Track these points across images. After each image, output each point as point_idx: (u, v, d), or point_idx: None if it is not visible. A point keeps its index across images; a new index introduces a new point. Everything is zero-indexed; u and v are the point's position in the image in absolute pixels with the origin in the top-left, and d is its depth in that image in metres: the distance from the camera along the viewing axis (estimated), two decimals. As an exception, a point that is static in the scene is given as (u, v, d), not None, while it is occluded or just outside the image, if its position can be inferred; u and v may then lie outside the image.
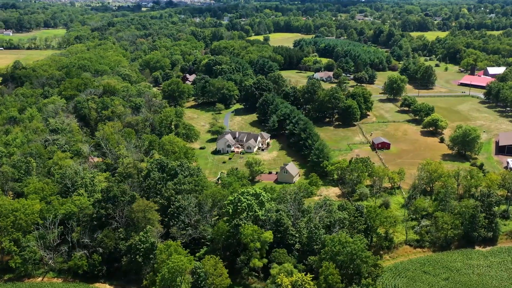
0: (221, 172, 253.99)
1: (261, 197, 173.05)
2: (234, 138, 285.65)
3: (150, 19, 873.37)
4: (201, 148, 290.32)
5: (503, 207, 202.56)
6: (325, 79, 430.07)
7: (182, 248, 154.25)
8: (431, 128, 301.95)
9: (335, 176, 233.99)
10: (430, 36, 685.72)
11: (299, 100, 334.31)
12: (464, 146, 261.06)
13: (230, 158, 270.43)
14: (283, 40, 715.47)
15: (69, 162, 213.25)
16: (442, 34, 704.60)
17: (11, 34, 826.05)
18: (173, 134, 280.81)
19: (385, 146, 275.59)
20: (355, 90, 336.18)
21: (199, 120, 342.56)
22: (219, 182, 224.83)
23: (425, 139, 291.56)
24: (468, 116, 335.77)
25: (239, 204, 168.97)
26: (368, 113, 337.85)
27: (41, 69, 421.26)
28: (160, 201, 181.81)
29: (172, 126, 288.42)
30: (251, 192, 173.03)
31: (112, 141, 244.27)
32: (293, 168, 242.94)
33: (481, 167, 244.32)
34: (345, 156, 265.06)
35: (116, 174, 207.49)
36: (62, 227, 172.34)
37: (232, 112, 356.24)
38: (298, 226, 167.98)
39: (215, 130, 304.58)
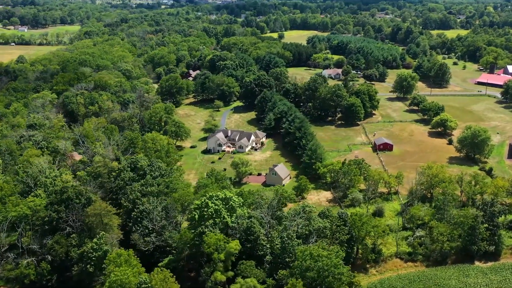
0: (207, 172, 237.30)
1: (231, 202, 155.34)
2: (226, 136, 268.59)
3: (164, 16, 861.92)
4: (191, 147, 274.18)
5: (510, 217, 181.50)
6: (333, 76, 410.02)
7: (135, 257, 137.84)
8: (439, 129, 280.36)
9: (328, 179, 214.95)
10: (452, 34, 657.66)
11: (301, 97, 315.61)
12: (473, 148, 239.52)
13: (219, 158, 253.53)
14: (298, 37, 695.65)
15: (41, 160, 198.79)
16: (464, 32, 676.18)
17: (26, 30, 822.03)
18: (162, 132, 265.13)
19: (387, 147, 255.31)
20: (359, 87, 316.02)
21: (195, 118, 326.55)
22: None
23: (432, 141, 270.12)
24: (482, 116, 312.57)
25: (205, 209, 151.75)
26: (374, 112, 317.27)
27: (40, 63, 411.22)
28: (125, 204, 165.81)
29: (162, 123, 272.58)
30: (220, 196, 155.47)
31: (91, 138, 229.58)
32: (283, 169, 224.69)
33: (489, 172, 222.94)
34: (343, 158, 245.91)
35: (84, 174, 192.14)
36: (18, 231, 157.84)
37: (231, 109, 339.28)
38: (270, 235, 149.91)
39: (207, 128, 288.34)
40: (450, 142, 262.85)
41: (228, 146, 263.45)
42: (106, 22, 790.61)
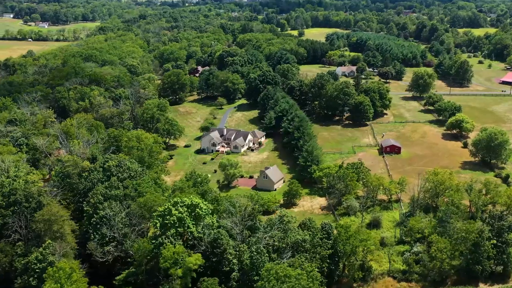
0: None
1: (198, 209, 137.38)
2: (222, 136, 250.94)
3: (183, 12, 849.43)
4: (185, 146, 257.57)
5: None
6: (347, 74, 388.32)
7: (80, 271, 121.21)
8: (454, 131, 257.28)
9: (324, 184, 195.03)
10: (480, 32, 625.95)
11: (307, 95, 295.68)
12: (488, 152, 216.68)
13: (212, 159, 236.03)
14: (319, 35, 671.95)
15: (10, 158, 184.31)
16: (493, 31, 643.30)
17: (46, 26, 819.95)
18: (154, 129, 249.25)
19: (394, 150, 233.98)
20: (369, 85, 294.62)
21: (196, 115, 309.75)
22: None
23: (445, 143, 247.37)
24: (504, 117, 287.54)
25: (168, 217, 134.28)
26: (385, 111, 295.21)
27: (44, 58, 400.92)
28: (86, 208, 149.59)
29: (155, 120, 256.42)
30: (186, 203, 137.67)
31: (73, 135, 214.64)
32: (275, 172, 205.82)
33: (506, 179, 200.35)
34: (346, 161, 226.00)
35: (52, 174, 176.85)
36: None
37: (235, 107, 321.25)
38: (239, 249, 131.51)
39: (204, 126, 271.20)
40: (465, 145, 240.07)
41: (222, 146, 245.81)
42: (124, 19, 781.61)
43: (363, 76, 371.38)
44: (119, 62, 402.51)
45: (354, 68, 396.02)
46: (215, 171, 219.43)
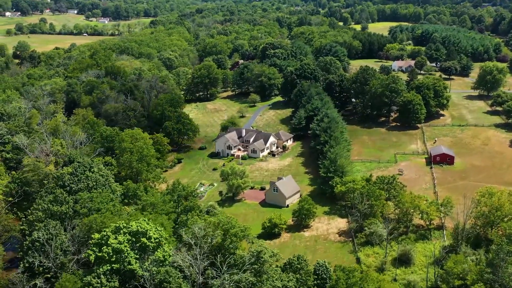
0: (200, 184, 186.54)
1: (145, 238, 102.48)
2: (240, 137, 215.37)
3: (240, 6, 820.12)
4: (200, 149, 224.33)
5: None
6: (404, 69, 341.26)
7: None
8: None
9: (349, 202, 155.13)
10: None
11: (349, 92, 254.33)
12: None
13: (224, 165, 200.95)
14: (383, 29, 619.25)
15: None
16: None
17: (106, 22, 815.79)
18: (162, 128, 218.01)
19: (446, 159, 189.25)
20: (422, 80, 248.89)
21: (224, 113, 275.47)
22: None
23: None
24: None
25: (104, 247, 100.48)
26: (441, 112, 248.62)
27: (78, 50, 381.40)
28: (22, 227, 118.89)
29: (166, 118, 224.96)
30: (133, 229, 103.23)
31: (60, 133, 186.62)
32: (288, 184, 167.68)
33: None
34: (383, 171, 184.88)
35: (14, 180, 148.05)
36: None
37: (269, 105, 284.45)
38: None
39: (223, 125, 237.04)
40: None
41: (238, 149, 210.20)
42: (182, 13, 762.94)
43: (422, 72, 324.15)
44: (157, 55, 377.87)
45: (412, 62, 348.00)
46: (223, 179, 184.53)
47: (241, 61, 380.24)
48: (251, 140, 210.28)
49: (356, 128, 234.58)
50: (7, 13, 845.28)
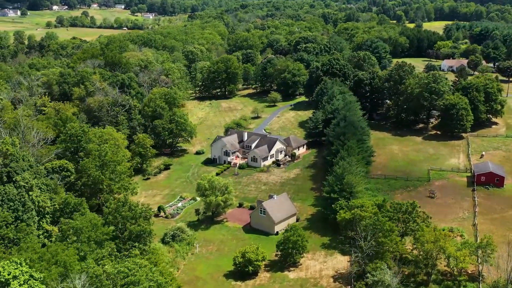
0: (179, 197, 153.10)
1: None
2: (240, 142, 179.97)
3: (286, 2, 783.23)
4: (197, 153, 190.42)
5: None
6: (455, 69, 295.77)
7: None
8: None
9: (354, 234, 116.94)
10: None
11: (381, 92, 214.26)
12: None
13: (217, 174, 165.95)
14: (440, 28, 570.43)
15: None
16: None
17: (151, 17, 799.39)
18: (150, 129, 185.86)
19: (493, 180, 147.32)
20: (470, 80, 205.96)
21: (238, 113, 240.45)
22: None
23: None
24: None
25: None
26: (494, 119, 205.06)
27: (97, 41, 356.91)
28: None
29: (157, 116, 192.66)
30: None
31: (19, 130, 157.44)
32: (281, 206, 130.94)
33: None
34: (409, 192, 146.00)
35: None
36: None
37: (291, 105, 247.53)
38: None
39: (227, 127, 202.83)
40: None
41: (237, 156, 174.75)
42: (225, 8, 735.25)
43: (475, 73, 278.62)
44: (181, 49, 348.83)
45: (466, 62, 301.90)
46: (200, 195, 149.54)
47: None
48: (253, 145, 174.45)
49: (385, 136, 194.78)
50: (54, 7, 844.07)
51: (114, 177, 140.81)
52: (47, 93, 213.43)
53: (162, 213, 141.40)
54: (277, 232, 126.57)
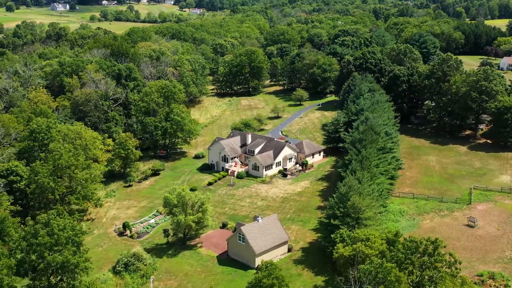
0: (155, 212, 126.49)
1: None
2: (243, 145, 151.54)
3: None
4: (196, 157, 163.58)
5: None
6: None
7: None
8: None
9: (356, 275, 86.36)
10: None
11: (421, 91, 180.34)
12: None
13: (210, 184, 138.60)
14: (504, 26, 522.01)
15: None
16: None
17: (198, 12, 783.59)
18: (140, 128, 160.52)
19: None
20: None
21: (258, 112, 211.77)
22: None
23: None
24: None
25: None
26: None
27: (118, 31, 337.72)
28: None
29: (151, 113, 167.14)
30: None
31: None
32: (267, 231, 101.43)
33: None
34: (442, 218, 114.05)
35: None
36: None
37: (319, 105, 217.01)
38: None
39: (234, 127, 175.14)
40: None
41: (236, 163, 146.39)
42: (272, 4, 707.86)
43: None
44: (210, 41, 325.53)
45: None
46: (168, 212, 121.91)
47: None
48: (256, 150, 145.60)
49: (422, 144, 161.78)
50: (104, 1, 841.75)
51: (73, 185, 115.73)
52: (45, 85, 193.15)
53: (128, 231, 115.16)
54: (257, 266, 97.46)
